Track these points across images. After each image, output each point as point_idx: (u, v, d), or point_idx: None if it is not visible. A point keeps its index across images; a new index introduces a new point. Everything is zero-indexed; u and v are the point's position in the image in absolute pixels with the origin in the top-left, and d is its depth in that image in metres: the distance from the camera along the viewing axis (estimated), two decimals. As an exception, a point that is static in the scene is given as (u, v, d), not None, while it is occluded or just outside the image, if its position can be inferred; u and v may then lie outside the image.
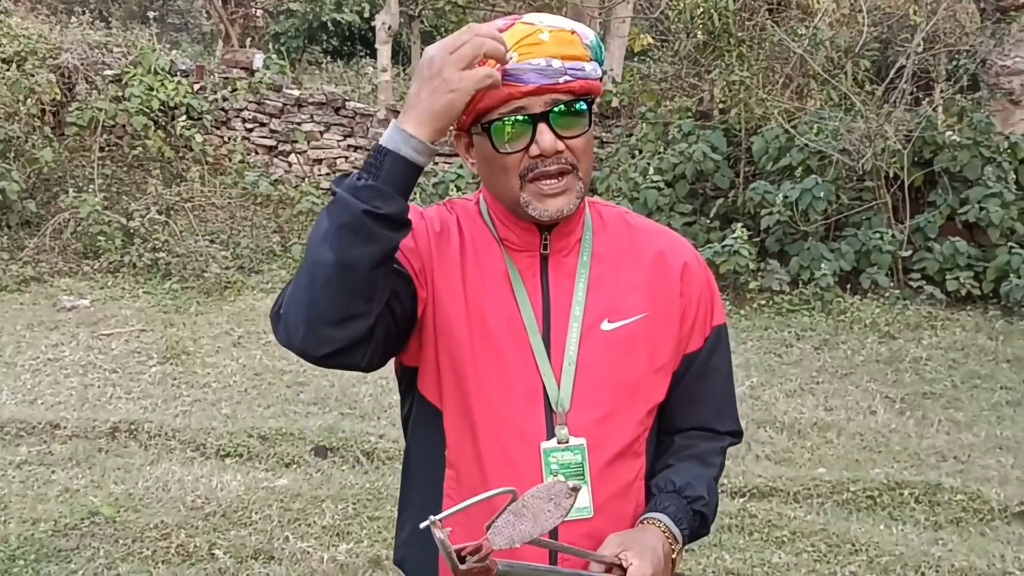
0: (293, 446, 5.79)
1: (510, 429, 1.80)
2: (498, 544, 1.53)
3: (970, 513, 5.17)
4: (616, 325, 1.85)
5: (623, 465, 1.85)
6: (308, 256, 1.64)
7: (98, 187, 10.40)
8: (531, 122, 1.73)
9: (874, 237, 9.15)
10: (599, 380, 1.82)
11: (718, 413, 1.99)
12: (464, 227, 1.89)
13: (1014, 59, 10.20)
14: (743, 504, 5.16)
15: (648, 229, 1.99)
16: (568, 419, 1.80)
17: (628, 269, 1.90)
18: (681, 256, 1.93)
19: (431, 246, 1.84)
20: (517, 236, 1.86)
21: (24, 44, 11.41)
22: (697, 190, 10.33)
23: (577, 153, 1.77)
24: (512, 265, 1.86)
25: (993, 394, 6.98)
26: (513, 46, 1.71)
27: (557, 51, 1.73)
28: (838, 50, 10.73)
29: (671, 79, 11.81)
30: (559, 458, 1.79)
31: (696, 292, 1.92)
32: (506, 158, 1.76)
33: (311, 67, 16.81)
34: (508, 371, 1.78)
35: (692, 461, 1.93)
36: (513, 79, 1.71)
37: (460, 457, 1.84)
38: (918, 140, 9.50)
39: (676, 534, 1.82)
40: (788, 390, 7.01)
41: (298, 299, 1.65)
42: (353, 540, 4.70)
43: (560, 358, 1.82)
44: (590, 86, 1.77)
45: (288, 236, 10.77)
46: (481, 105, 1.73)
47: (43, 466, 5.46)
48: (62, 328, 8.00)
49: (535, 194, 1.77)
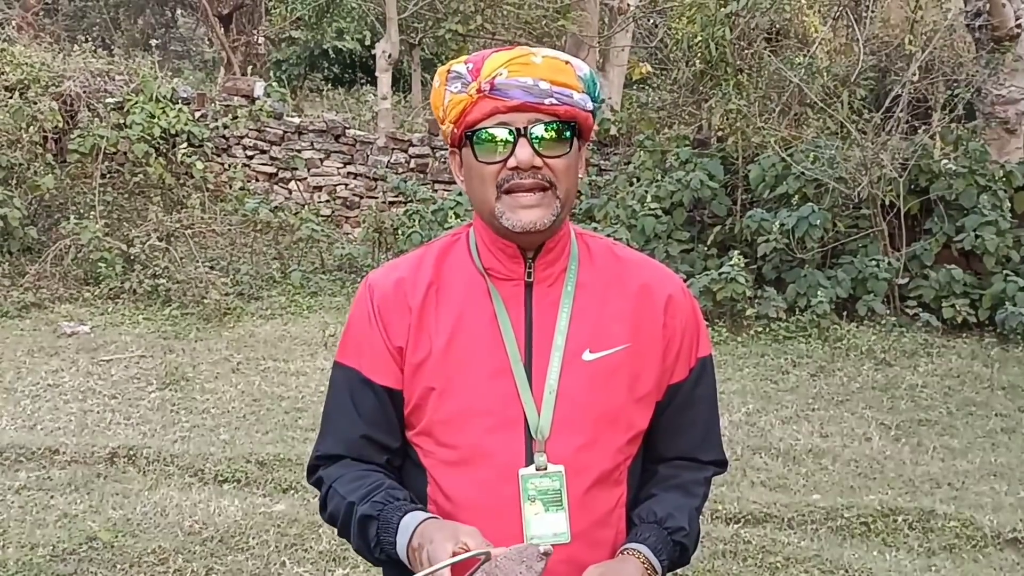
0: (291, 472, 5.81)
1: (489, 456, 1.84)
2: None
3: (963, 540, 5.18)
4: (598, 356, 1.88)
5: (602, 492, 1.88)
6: (344, 533, 1.91)
7: (99, 214, 10.46)
8: (512, 135, 1.80)
9: (870, 265, 9.19)
10: (579, 409, 1.86)
11: (702, 443, 2.02)
12: (444, 263, 1.96)
13: (1009, 88, 10.27)
14: (737, 530, 5.18)
15: (634, 261, 2.02)
16: (547, 446, 1.83)
17: (613, 300, 1.93)
18: (666, 288, 1.97)
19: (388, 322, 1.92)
20: (503, 264, 1.91)
21: (27, 72, 11.51)
22: (694, 217, 10.38)
23: (556, 173, 1.82)
24: (496, 294, 1.90)
25: (988, 421, 7.00)
26: (505, 63, 1.81)
27: (547, 75, 1.81)
28: (835, 79, 10.81)
29: (669, 107, 11.90)
30: (537, 484, 1.82)
31: (681, 324, 1.96)
32: (485, 168, 1.82)
33: (312, 95, 16.91)
34: (488, 399, 1.82)
35: (675, 491, 1.96)
36: (500, 93, 1.80)
37: (436, 490, 1.89)
38: (914, 168, 9.55)
39: (656, 565, 1.84)
40: (784, 417, 7.03)
41: (337, 530, 1.94)
42: (349, 566, 4.72)
43: (541, 387, 1.85)
44: (576, 113, 1.84)
45: (288, 263, 10.83)
46: (469, 118, 1.83)
47: (42, 491, 5.48)
48: (62, 354, 8.03)
49: (509, 205, 1.82)
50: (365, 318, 1.93)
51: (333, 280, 10.55)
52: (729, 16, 10.39)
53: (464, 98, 1.83)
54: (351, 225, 12.22)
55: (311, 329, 8.92)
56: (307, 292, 10.18)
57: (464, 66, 1.86)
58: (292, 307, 9.72)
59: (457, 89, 1.84)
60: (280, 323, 9.22)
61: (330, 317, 9.33)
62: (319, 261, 11.00)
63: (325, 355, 8.05)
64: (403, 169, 12.12)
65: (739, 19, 10.50)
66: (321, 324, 8.98)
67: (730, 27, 10.41)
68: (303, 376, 7.66)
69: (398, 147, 12.22)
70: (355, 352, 1.94)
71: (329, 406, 1.98)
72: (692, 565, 4.76)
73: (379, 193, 12.13)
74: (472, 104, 1.82)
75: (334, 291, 10.26)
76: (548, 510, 1.81)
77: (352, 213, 12.28)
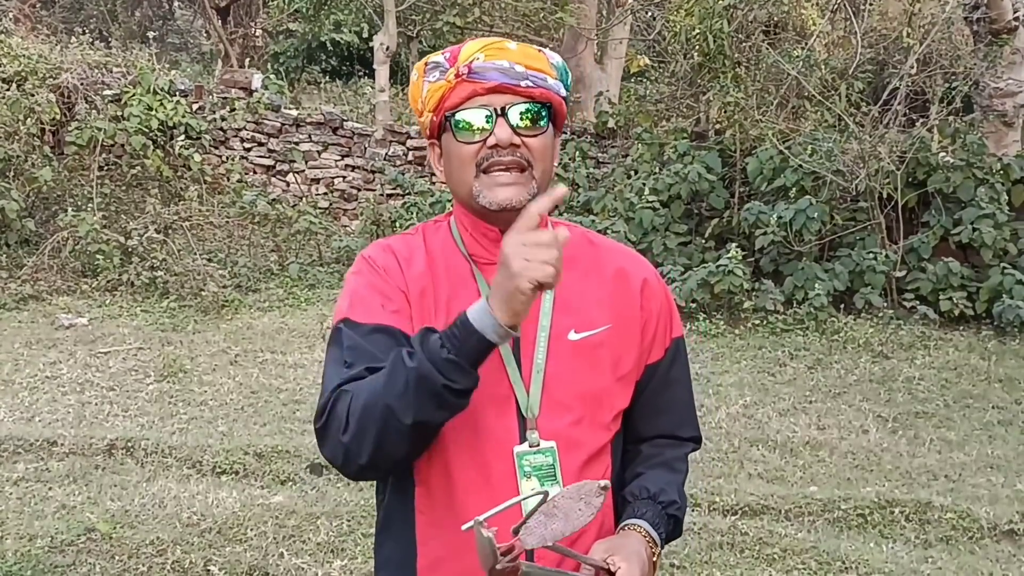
0: (288, 464, 5.82)
1: (483, 436, 1.87)
2: (530, 544, 1.65)
3: (960, 532, 5.20)
4: (582, 336, 1.95)
5: (591, 466, 1.93)
6: (383, 405, 1.74)
7: (97, 206, 10.45)
8: (491, 115, 1.86)
9: (868, 257, 9.21)
10: (567, 386, 1.92)
11: (680, 421, 2.11)
12: (431, 247, 1.99)
13: (1007, 81, 10.28)
14: (734, 522, 5.19)
15: (609, 247, 2.10)
16: (539, 424, 1.89)
17: (592, 283, 2.00)
18: (641, 273, 2.05)
19: (407, 281, 1.93)
20: (486, 249, 1.95)
21: (24, 64, 11.50)
22: (692, 210, 10.38)
23: (534, 152, 1.89)
24: (481, 279, 1.94)
25: (985, 414, 7.02)
26: (481, 48, 1.89)
27: (521, 60, 1.90)
28: (833, 72, 10.80)
29: (667, 100, 11.91)
30: (531, 461, 1.88)
31: (656, 307, 2.04)
32: (464, 148, 1.88)
33: (310, 87, 16.88)
34: (480, 381, 1.80)
35: (660, 468, 2.04)
36: (478, 76, 1.87)
37: (429, 472, 1.90)
38: (912, 161, 9.56)
39: (655, 538, 1.92)
40: (781, 409, 7.05)
41: (367, 438, 1.77)
42: (347, 557, 4.73)
43: (529, 366, 1.91)
44: (551, 96, 1.91)
45: (285, 255, 10.83)
46: (448, 103, 1.90)
47: (40, 483, 5.49)
48: (60, 346, 8.04)
49: (487, 184, 1.88)
50: (368, 276, 1.94)
51: (331, 272, 10.55)
52: (727, 9, 10.38)
53: (443, 84, 1.90)
54: (349, 217, 12.22)
55: (309, 321, 8.93)
56: (305, 284, 10.18)
57: (441, 56, 1.93)
58: (290, 299, 9.73)
59: (435, 78, 1.91)
60: (278, 315, 9.22)
61: (328, 309, 9.33)
62: (317, 253, 11.00)
63: (323, 347, 7.99)
64: (401, 161, 12.12)
65: (737, 12, 10.48)
66: (319, 316, 8.98)
67: (728, 20, 10.40)
68: (301, 368, 7.67)
69: (396, 139, 12.22)
70: (365, 309, 1.89)
71: (336, 356, 1.88)
72: (690, 557, 4.79)
73: (377, 185, 12.13)
74: (451, 89, 1.89)
75: (332, 283, 10.26)
76: (543, 484, 1.86)
77: (350, 205, 12.28)
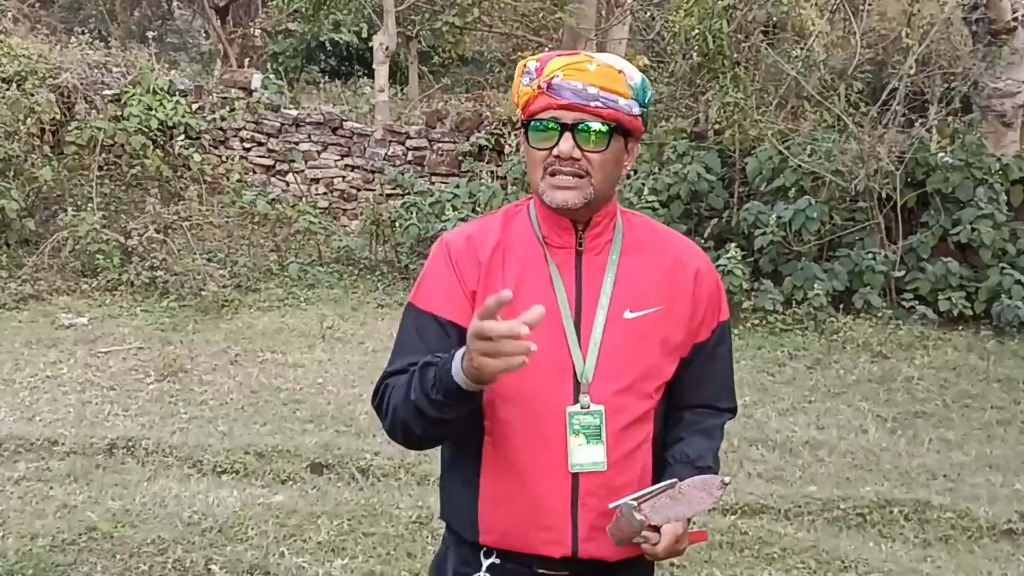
0: (289, 463, 5.83)
1: (541, 396, 2.16)
2: (656, 520, 2.05)
3: (959, 531, 5.22)
4: (637, 315, 2.22)
5: (633, 430, 2.21)
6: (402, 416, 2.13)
7: (96, 206, 10.44)
8: (559, 129, 2.13)
9: (867, 257, 9.22)
10: (619, 358, 2.19)
11: (720, 393, 2.42)
12: (508, 228, 2.29)
13: (1006, 82, 10.28)
14: (734, 521, 5.21)
15: (669, 235, 2.38)
16: (591, 389, 2.17)
17: (650, 268, 2.27)
18: (696, 262, 2.32)
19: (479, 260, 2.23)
20: (557, 235, 2.24)
21: (24, 64, 11.51)
22: (691, 210, 10.39)
23: (593, 164, 2.14)
24: (551, 261, 2.23)
25: (984, 413, 7.04)
26: (562, 67, 2.14)
27: (597, 81, 2.14)
28: (832, 72, 10.82)
29: (666, 100, 11.88)
30: (581, 420, 2.16)
31: (706, 293, 2.30)
32: (535, 152, 2.18)
33: (309, 87, 16.87)
34: (543, 348, 1.98)
35: (700, 435, 2.32)
36: (554, 92, 2.13)
37: (492, 425, 2.19)
38: (911, 161, 9.57)
39: None
40: (781, 409, 7.06)
41: (398, 432, 2.18)
42: (348, 556, 4.74)
43: (588, 339, 2.18)
44: (619, 116, 2.15)
45: (285, 255, 10.83)
46: (530, 108, 2.18)
47: (41, 482, 5.50)
48: (60, 346, 8.04)
49: (550, 184, 2.16)
50: (442, 266, 2.25)
51: (330, 272, 10.56)
52: (726, 9, 10.38)
53: (529, 91, 2.18)
54: (348, 217, 12.22)
55: (309, 321, 8.93)
56: (304, 284, 10.19)
57: (534, 63, 2.20)
58: (290, 299, 9.73)
59: (526, 83, 2.19)
60: (278, 315, 9.23)
61: (328, 309, 9.35)
62: (316, 253, 11.00)
63: (323, 347, 8.06)
64: (400, 161, 12.11)
65: (736, 12, 10.48)
66: (319, 316, 8.99)
67: (727, 20, 10.40)
68: (301, 368, 7.67)
69: (395, 139, 12.21)
70: (427, 295, 2.25)
71: (400, 338, 2.28)
72: (690, 556, 4.79)
73: (376, 185, 12.12)
74: (533, 97, 2.16)
75: (331, 283, 10.27)
76: (589, 442, 2.15)
77: (349, 205, 12.28)
